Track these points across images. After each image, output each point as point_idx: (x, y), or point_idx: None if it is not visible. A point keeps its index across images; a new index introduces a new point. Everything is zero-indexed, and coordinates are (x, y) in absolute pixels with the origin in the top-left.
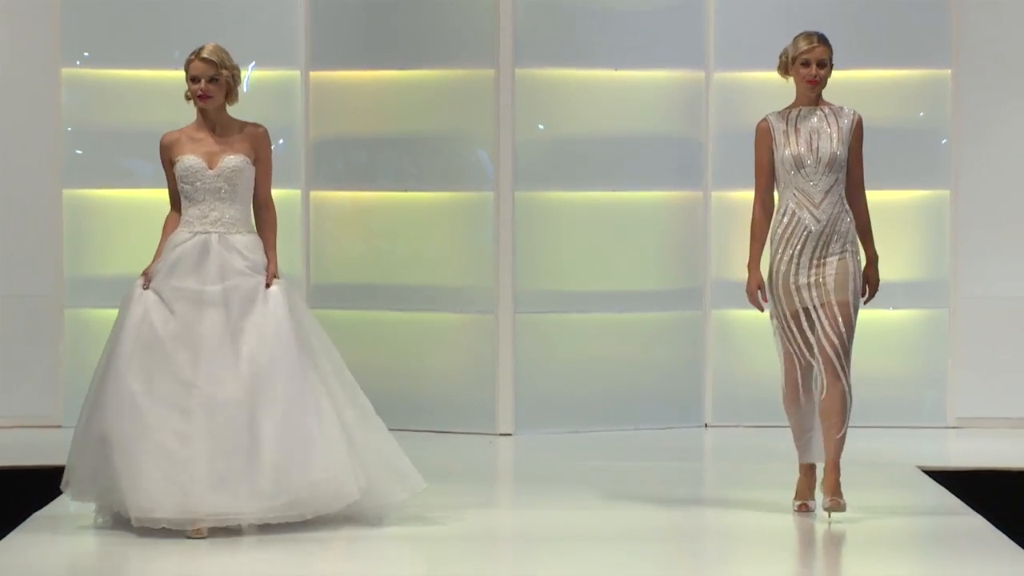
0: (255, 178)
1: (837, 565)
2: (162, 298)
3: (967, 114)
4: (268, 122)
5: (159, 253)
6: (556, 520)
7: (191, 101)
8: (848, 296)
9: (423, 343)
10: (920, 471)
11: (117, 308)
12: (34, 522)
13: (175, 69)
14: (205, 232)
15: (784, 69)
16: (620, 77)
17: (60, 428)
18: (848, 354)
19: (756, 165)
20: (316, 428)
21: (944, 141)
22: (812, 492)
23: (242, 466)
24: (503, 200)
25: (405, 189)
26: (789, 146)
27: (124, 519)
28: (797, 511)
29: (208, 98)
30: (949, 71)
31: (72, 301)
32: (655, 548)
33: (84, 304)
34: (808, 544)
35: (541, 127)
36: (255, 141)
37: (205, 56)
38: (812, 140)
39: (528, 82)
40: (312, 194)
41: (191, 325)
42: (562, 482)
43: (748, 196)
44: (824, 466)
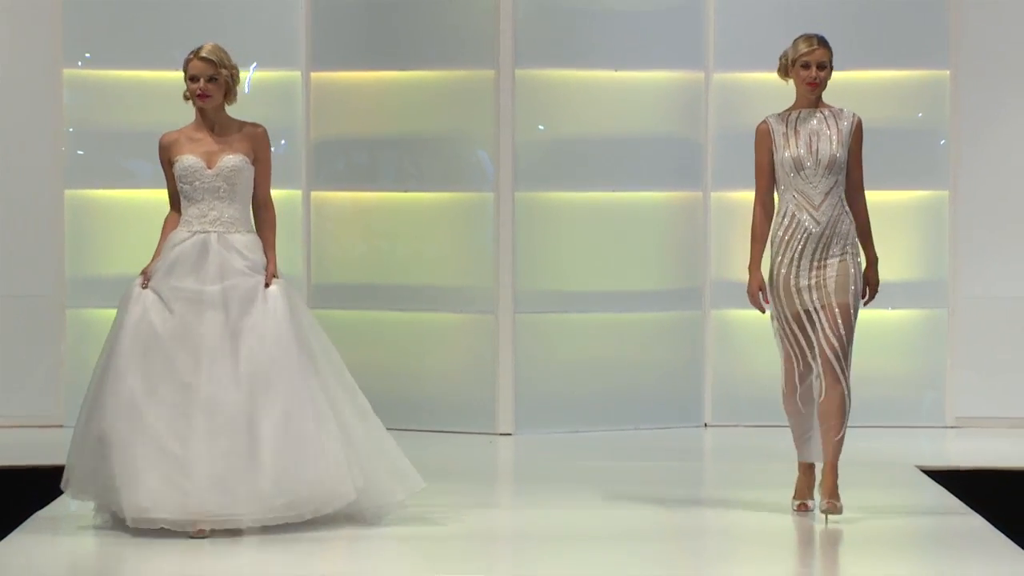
0: (254, 178)
1: (836, 565)
2: (161, 297)
3: (965, 115)
4: (269, 123)
5: (158, 252)
6: (556, 520)
7: (190, 101)
8: (848, 298)
9: (423, 343)
10: (919, 471)
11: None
12: (35, 522)
13: (176, 70)
14: (204, 231)
15: (784, 71)
16: (620, 78)
17: (61, 428)
18: (848, 356)
19: (756, 167)
20: (314, 428)
21: (943, 142)
22: (811, 491)
23: (242, 467)
24: (503, 200)
25: (405, 189)
26: (789, 148)
27: (122, 519)
28: (796, 510)
29: (207, 97)
30: (948, 72)
31: (73, 301)
32: (655, 548)
33: (85, 304)
34: (807, 544)
35: (541, 128)
36: (254, 141)
37: (204, 55)
38: (812, 142)
39: (528, 83)
40: (313, 194)
41: (190, 325)
42: (562, 482)
43: (747, 196)
44: (822, 468)
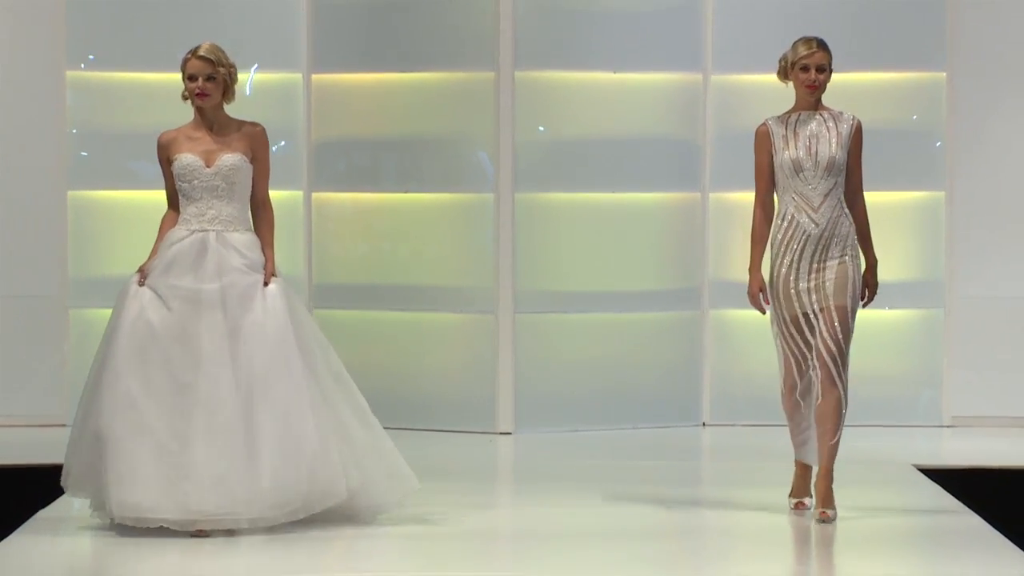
0: (253, 177)
1: (833, 563)
2: (158, 295)
3: (962, 116)
4: (270, 124)
5: (155, 250)
6: (556, 519)
7: (188, 101)
8: (847, 300)
9: (424, 343)
10: (916, 469)
11: None
12: (36, 522)
13: (178, 72)
14: (203, 230)
15: (783, 74)
16: (619, 79)
17: (64, 427)
18: (845, 360)
19: (756, 169)
20: (312, 427)
21: (939, 143)
22: (808, 490)
23: (241, 467)
24: (503, 201)
25: (406, 190)
26: (788, 150)
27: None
28: (794, 509)
29: (206, 96)
30: (944, 73)
31: (76, 301)
32: (654, 546)
33: (88, 304)
34: (805, 542)
35: (541, 129)
36: (253, 140)
37: (202, 54)
38: (811, 144)
39: (528, 84)
40: (314, 195)
41: (188, 324)
42: (562, 481)
43: (745, 197)
44: (817, 471)
